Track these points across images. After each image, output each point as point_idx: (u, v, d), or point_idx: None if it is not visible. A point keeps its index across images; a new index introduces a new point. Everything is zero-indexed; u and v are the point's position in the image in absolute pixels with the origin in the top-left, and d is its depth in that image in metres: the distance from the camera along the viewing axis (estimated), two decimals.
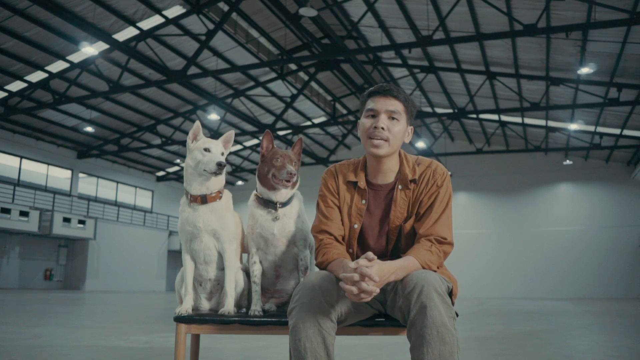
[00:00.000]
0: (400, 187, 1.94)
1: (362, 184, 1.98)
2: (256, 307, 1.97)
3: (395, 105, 1.90)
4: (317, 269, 1.97)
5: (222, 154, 2.03)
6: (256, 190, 2.07)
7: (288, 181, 1.94)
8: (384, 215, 1.96)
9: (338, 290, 1.72)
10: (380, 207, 1.97)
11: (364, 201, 1.96)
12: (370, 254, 1.67)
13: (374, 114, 1.91)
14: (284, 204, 2.02)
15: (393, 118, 1.90)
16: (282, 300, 2.11)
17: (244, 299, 2.14)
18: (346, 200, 1.98)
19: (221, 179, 2.04)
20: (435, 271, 1.78)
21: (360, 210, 1.96)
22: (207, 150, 2.00)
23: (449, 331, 1.56)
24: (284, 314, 1.87)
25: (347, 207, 1.97)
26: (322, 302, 1.67)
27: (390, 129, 1.89)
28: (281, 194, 2.01)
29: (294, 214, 2.05)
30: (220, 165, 1.95)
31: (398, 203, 1.94)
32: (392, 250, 1.97)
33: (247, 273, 2.15)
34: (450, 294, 1.80)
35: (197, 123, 2.04)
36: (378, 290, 1.61)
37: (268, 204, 2.02)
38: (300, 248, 2.03)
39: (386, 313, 1.89)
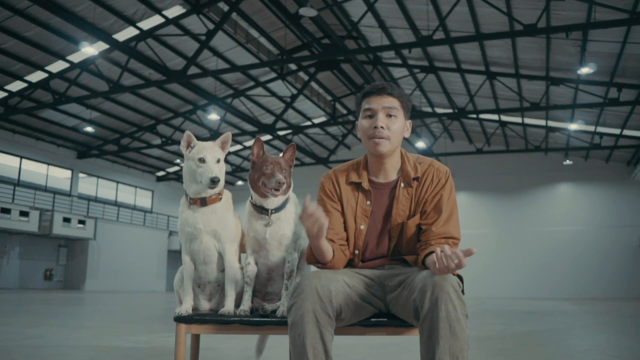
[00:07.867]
0: (402, 184, 1.96)
1: (365, 184, 1.99)
2: (244, 307, 1.97)
3: (392, 102, 1.93)
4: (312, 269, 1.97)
5: (218, 160, 1.99)
6: (251, 198, 2.07)
7: (277, 190, 1.92)
8: (386, 213, 1.97)
9: (336, 287, 1.74)
10: (383, 205, 1.98)
11: (368, 202, 1.98)
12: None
13: (372, 114, 1.94)
14: (277, 209, 2.01)
15: (391, 115, 1.93)
16: (271, 303, 2.11)
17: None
18: (350, 203, 1.99)
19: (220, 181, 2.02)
20: None
21: (366, 212, 1.97)
22: (201, 160, 1.95)
23: (462, 328, 1.56)
24: (273, 315, 1.92)
25: (351, 209, 1.98)
26: (320, 299, 1.67)
27: (389, 126, 1.92)
28: (272, 201, 1.99)
29: (288, 218, 2.02)
30: (213, 182, 1.92)
31: (400, 201, 1.95)
32: (393, 249, 1.97)
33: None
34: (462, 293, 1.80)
35: (187, 133, 2.00)
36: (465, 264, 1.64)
37: (261, 209, 2.01)
38: (290, 250, 2.01)
39: (387, 312, 1.89)
